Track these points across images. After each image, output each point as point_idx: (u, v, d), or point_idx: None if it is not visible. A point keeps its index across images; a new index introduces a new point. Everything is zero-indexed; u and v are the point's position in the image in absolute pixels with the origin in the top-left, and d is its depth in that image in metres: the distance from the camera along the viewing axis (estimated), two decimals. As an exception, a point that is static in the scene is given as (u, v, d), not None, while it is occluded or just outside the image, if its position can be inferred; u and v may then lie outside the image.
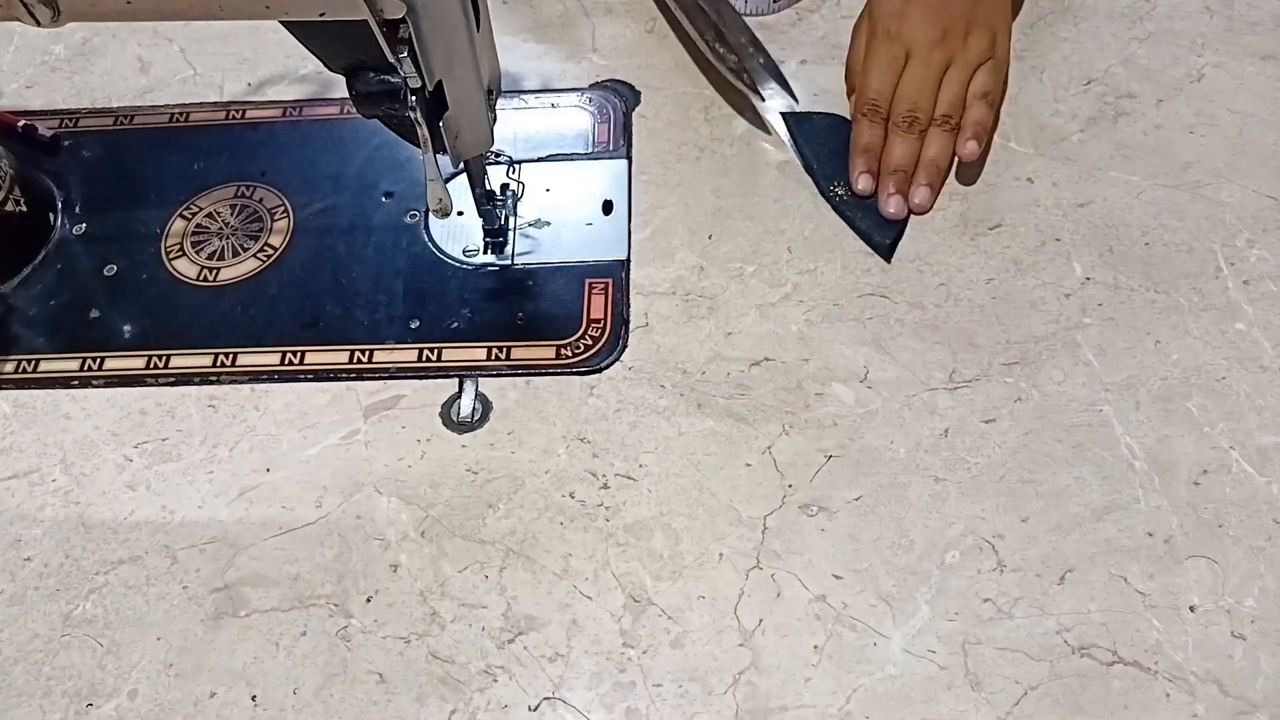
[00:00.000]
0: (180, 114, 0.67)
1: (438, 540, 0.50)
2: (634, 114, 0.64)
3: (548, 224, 0.60)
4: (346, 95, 0.48)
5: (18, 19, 0.41)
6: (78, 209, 0.63)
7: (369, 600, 0.49)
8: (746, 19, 0.65)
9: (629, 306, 0.57)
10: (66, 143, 0.66)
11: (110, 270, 0.61)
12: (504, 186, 0.59)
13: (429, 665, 0.47)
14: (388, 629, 0.48)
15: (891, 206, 0.58)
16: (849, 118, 0.62)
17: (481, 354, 0.56)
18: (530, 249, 0.59)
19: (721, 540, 0.50)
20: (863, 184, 0.59)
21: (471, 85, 0.49)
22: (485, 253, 0.59)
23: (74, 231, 0.62)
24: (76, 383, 0.57)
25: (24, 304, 0.60)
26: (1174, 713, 0.44)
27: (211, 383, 0.56)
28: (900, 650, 0.46)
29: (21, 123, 0.65)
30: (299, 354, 0.57)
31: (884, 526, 0.49)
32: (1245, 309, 0.55)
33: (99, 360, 0.57)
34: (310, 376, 0.56)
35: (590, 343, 0.56)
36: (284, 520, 0.52)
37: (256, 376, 0.56)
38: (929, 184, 0.59)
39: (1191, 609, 0.47)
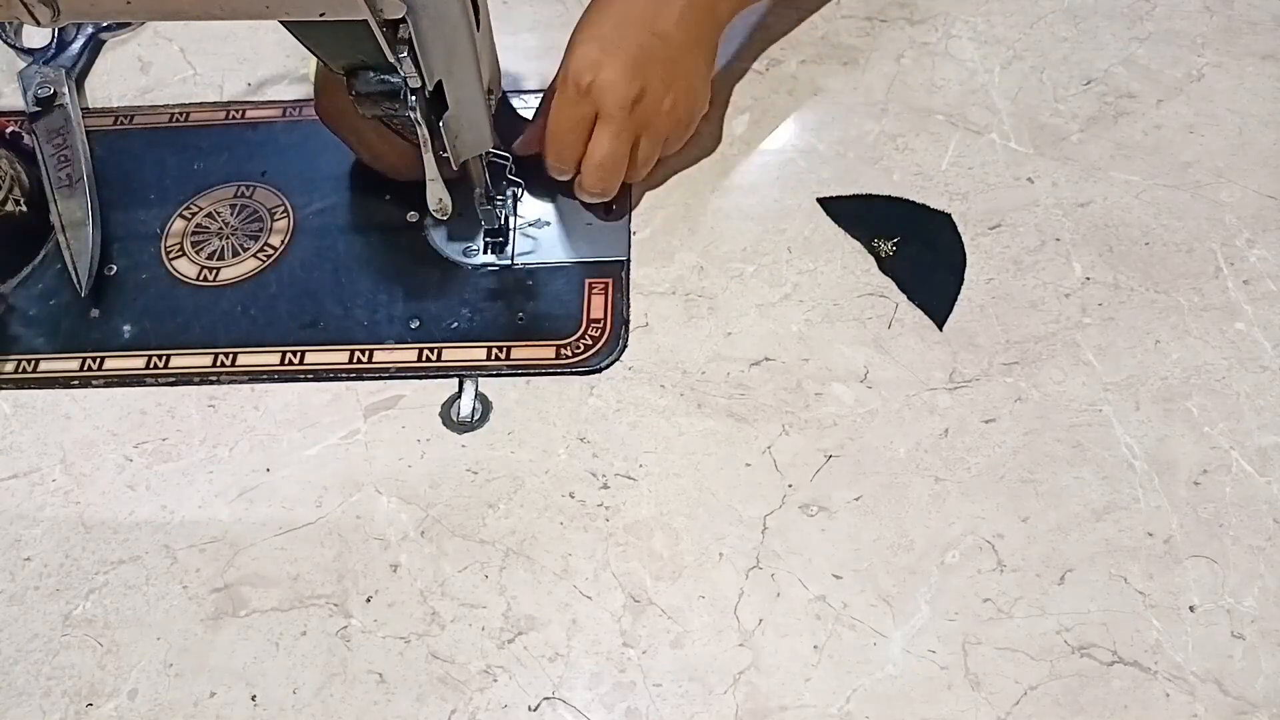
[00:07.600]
0: (180, 114, 0.68)
1: (438, 540, 0.50)
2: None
3: (548, 224, 0.60)
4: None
5: (18, 18, 0.41)
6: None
7: (369, 600, 0.49)
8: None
9: (629, 306, 0.57)
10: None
11: (110, 270, 0.61)
12: (504, 186, 0.59)
13: (429, 665, 0.47)
14: (388, 629, 0.48)
15: None
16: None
17: (481, 354, 0.56)
18: (530, 249, 0.59)
19: (721, 540, 0.50)
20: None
21: (471, 85, 0.49)
22: (485, 253, 0.59)
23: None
24: (76, 383, 0.57)
25: (24, 304, 0.60)
26: (1174, 713, 0.44)
27: (211, 383, 0.56)
28: (900, 650, 0.46)
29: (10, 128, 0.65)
30: (299, 354, 0.57)
31: (884, 526, 0.49)
32: (1245, 309, 0.55)
33: (99, 360, 0.57)
34: (310, 376, 0.56)
35: (590, 343, 0.56)
36: (284, 520, 0.52)
37: (256, 376, 0.56)
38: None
39: (1191, 609, 0.47)
